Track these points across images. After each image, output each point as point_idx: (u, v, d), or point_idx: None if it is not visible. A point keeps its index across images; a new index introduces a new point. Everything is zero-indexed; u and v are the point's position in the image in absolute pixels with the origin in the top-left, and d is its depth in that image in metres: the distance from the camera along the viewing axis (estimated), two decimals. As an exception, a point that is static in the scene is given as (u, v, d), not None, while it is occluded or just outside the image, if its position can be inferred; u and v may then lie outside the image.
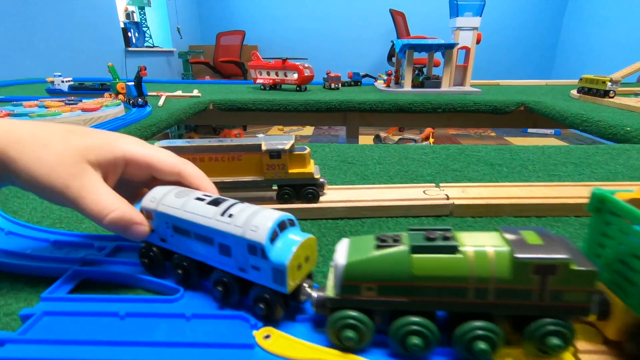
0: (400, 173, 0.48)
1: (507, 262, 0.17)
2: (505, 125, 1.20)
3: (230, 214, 0.23)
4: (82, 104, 0.80)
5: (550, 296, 0.17)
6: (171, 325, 0.22)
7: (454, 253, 0.18)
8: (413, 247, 0.18)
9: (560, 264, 0.17)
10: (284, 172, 0.35)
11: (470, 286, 0.18)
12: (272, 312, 0.21)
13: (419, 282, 0.18)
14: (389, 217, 0.36)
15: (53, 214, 0.37)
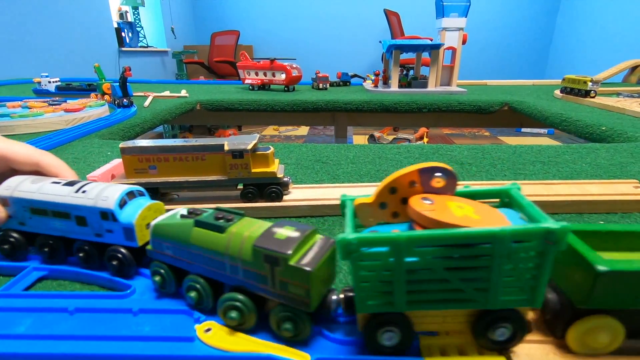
0: (371, 172, 0.49)
1: (249, 247, 0.20)
2: (492, 124, 1.21)
3: (84, 191, 0.26)
4: (66, 105, 0.81)
5: (279, 285, 0.20)
6: (118, 320, 0.23)
7: (221, 232, 0.21)
8: (195, 221, 0.22)
9: (281, 258, 0.19)
10: (246, 171, 0.36)
11: (226, 261, 0.21)
12: (123, 267, 0.26)
13: (194, 249, 0.22)
14: (351, 215, 0.37)
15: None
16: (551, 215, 0.36)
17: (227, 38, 4.00)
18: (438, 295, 0.19)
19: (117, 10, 3.41)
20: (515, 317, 0.19)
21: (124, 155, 0.35)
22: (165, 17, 3.89)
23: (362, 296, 0.19)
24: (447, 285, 0.18)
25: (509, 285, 0.18)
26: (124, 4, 3.42)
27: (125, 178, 0.36)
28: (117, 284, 0.26)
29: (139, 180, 0.36)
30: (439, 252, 0.18)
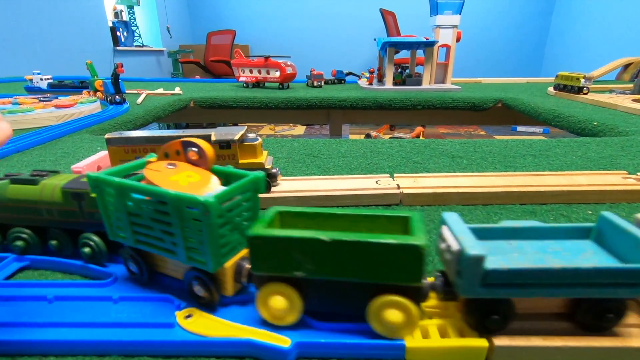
0: (361, 165, 0.49)
1: (59, 191, 0.26)
2: (486, 122, 1.22)
3: None
4: (57, 101, 0.80)
5: (86, 215, 0.26)
6: (98, 308, 0.22)
7: (34, 184, 0.27)
8: (11, 179, 0.27)
9: (85, 193, 0.25)
10: (234, 162, 0.35)
11: (42, 207, 0.26)
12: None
13: (12, 203, 0.27)
14: (339, 207, 0.37)
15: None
16: (540, 206, 0.36)
17: (223, 37, 3.99)
18: (150, 240, 0.22)
19: (112, 9, 3.39)
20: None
21: (110, 146, 0.35)
22: (160, 16, 3.88)
23: (109, 225, 0.24)
24: (154, 233, 0.22)
25: (193, 246, 0.21)
26: (119, 3, 3.41)
27: (111, 169, 0.36)
28: (99, 273, 0.26)
29: (125, 172, 0.35)
30: (143, 203, 0.22)
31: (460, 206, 0.36)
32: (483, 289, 0.18)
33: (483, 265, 0.17)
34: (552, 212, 0.34)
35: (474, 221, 0.33)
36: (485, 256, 0.17)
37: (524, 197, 0.36)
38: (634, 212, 0.34)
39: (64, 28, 2.61)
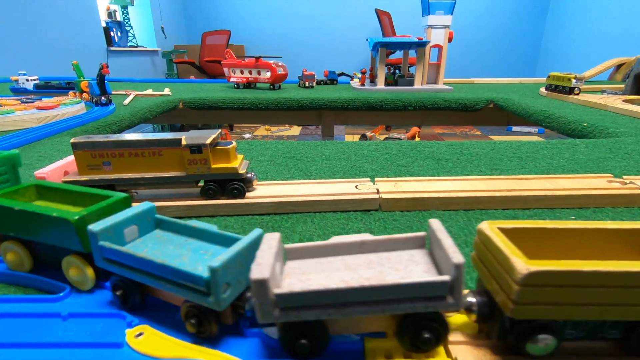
0: (345, 169, 0.48)
1: None
2: (478, 122, 1.21)
3: None
4: (39, 103, 0.79)
5: None
6: (45, 325, 0.21)
7: None
8: None
9: None
10: (206, 167, 0.34)
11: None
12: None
13: None
14: (316, 212, 0.35)
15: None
16: (522, 211, 0.35)
17: (218, 38, 3.98)
18: None
19: (106, 9, 3.36)
20: None
21: (76, 150, 0.33)
22: (155, 16, 3.85)
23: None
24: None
25: None
26: (112, 3, 3.38)
27: (77, 175, 0.34)
28: (53, 286, 0.24)
29: (92, 177, 0.34)
30: None
31: (441, 211, 0.35)
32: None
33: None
34: (535, 218, 0.33)
35: (454, 227, 0.32)
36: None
37: (506, 201, 0.35)
38: (618, 218, 0.33)
39: (57, 28, 2.59)
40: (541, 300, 0.16)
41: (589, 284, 0.15)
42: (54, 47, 2.55)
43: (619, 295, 0.15)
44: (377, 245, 0.21)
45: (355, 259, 0.20)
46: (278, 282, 0.18)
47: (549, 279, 0.15)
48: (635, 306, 0.16)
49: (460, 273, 0.16)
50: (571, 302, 0.16)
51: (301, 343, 0.18)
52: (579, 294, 0.16)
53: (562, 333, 0.17)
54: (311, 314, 0.17)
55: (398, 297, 0.17)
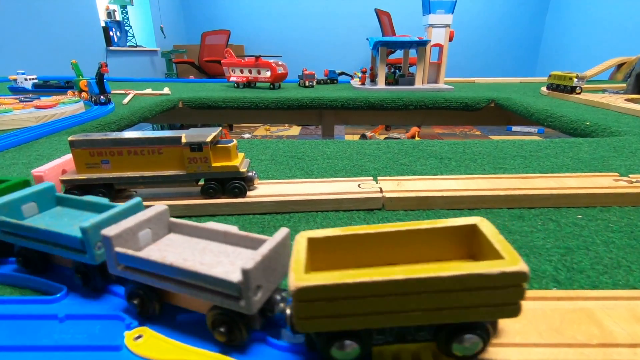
0: (346, 168, 0.47)
1: None
2: (479, 122, 1.20)
3: None
4: (38, 102, 0.78)
5: None
6: (41, 328, 0.20)
7: None
8: None
9: None
10: (206, 165, 0.33)
11: None
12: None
13: None
14: (319, 212, 0.35)
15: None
16: (528, 210, 0.34)
17: (218, 37, 3.97)
18: None
19: (105, 9, 3.36)
20: None
21: (74, 148, 0.33)
22: (154, 16, 3.84)
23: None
24: None
25: None
26: (111, 3, 3.37)
27: (75, 174, 0.34)
28: (50, 287, 0.24)
29: (90, 176, 0.33)
30: None
31: (445, 210, 0.34)
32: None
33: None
34: (541, 217, 0.33)
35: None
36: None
37: (511, 200, 0.35)
38: (626, 217, 0.33)
39: (56, 28, 2.58)
40: (319, 314, 0.15)
41: (363, 294, 0.15)
42: (53, 46, 2.55)
43: (399, 302, 0.15)
44: (237, 239, 0.21)
45: (215, 246, 0.22)
46: (133, 245, 0.20)
47: (318, 293, 0.15)
48: (418, 311, 0.15)
49: (248, 278, 0.16)
50: (351, 313, 0.15)
51: (133, 302, 0.20)
52: (357, 304, 0.15)
53: (369, 338, 0.17)
54: (140, 277, 0.19)
55: (199, 284, 0.18)
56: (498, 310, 0.15)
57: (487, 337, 0.16)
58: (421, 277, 0.15)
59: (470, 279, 0.14)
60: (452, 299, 0.15)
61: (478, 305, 0.15)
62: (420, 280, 0.15)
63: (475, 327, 0.16)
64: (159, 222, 0.22)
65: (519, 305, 0.15)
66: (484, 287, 0.15)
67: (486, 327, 0.16)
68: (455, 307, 0.15)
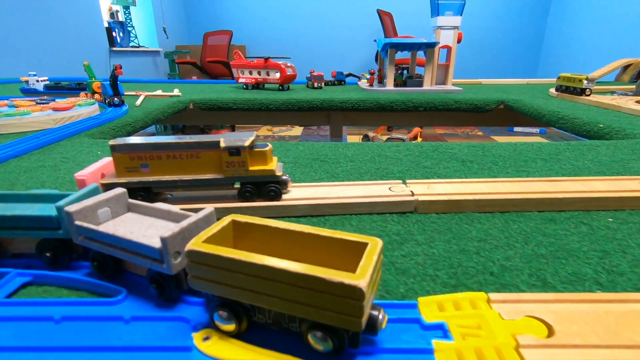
0: (371, 170, 0.48)
1: None
2: (487, 123, 1.21)
3: None
4: (54, 104, 0.78)
5: None
6: (108, 329, 0.21)
7: None
8: None
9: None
10: (244, 169, 0.34)
11: None
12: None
13: None
14: (352, 215, 0.35)
15: None
16: (558, 213, 0.35)
17: (220, 38, 3.97)
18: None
19: (108, 9, 3.36)
20: None
21: (115, 152, 0.33)
22: (157, 16, 3.85)
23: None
24: None
25: None
26: (114, 4, 3.38)
27: (115, 177, 0.34)
28: (108, 289, 0.24)
29: (130, 180, 0.34)
30: None
31: (477, 213, 0.35)
32: None
33: None
34: (572, 220, 0.33)
35: (493, 230, 0.32)
36: None
37: (541, 204, 0.35)
38: (656, 220, 0.33)
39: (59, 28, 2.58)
40: (203, 276, 0.19)
41: (235, 269, 0.18)
42: (58, 47, 2.55)
43: (260, 285, 0.18)
44: (178, 217, 0.26)
45: (160, 222, 0.26)
46: (92, 220, 0.25)
47: (202, 258, 0.19)
48: (275, 297, 0.18)
49: (166, 244, 0.21)
50: (225, 283, 0.19)
51: (94, 264, 0.25)
52: (229, 277, 0.18)
53: (250, 315, 0.20)
54: (95, 245, 0.24)
55: (135, 251, 0.22)
56: (341, 318, 0.17)
57: (339, 341, 0.18)
58: (274, 266, 0.17)
59: (313, 280, 0.17)
60: (300, 294, 0.17)
61: (322, 307, 0.17)
62: (273, 269, 0.17)
63: (330, 329, 0.18)
64: (117, 202, 0.26)
65: (360, 319, 0.16)
66: (325, 292, 0.17)
67: (340, 332, 0.18)
68: (304, 303, 0.17)
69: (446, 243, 0.30)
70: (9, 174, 0.48)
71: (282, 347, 0.19)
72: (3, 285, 0.25)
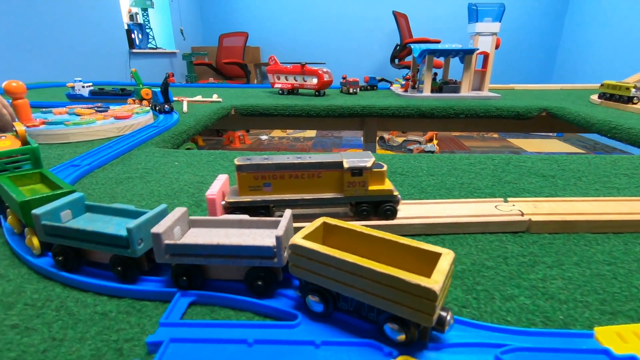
0: (455, 186, 0.48)
1: None
2: (527, 130, 1.21)
3: None
4: (113, 112, 0.80)
5: None
6: (301, 353, 0.22)
7: None
8: None
9: None
10: (363, 189, 0.35)
11: None
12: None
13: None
14: (466, 234, 0.36)
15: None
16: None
17: (236, 39, 3.99)
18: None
19: (127, 11, 3.39)
20: None
21: (240, 172, 0.34)
22: (174, 18, 3.88)
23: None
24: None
25: None
26: (133, 6, 3.41)
27: (237, 195, 0.35)
28: (276, 311, 0.25)
29: (254, 198, 0.35)
30: None
31: (591, 234, 0.36)
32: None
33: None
34: (690, 242, 0.34)
35: (615, 252, 0.33)
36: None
37: (652, 224, 0.36)
38: None
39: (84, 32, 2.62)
40: (300, 265, 0.24)
41: (328, 263, 0.22)
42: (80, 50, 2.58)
43: (349, 278, 0.22)
44: (250, 223, 0.30)
45: (234, 231, 0.29)
46: (174, 238, 0.27)
47: (301, 251, 0.23)
48: (360, 290, 0.22)
49: (280, 242, 0.25)
50: (319, 273, 0.23)
51: (183, 279, 0.27)
52: (325, 269, 0.23)
53: (335, 301, 0.24)
54: (188, 259, 0.26)
55: (242, 254, 0.26)
56: (415, 314, 0.20)
57: (409, 333, 0.21)
58: (364, 265, 0.21)
59: (395, 280, 0.20)
60: (383, 290, 0.21)
61: (400, 303, 0.20)
62: (363, 267, 0.21)
63: (404, 322, 0.21)
64: (184, 220, 0.29)
65: (431, 316, 0.20)
66: (404, 290, 0.20)
67: (409, 325, 0.21)
68: (385, 297, 0.21)
69: (577, 266, 0.31)
70: (102, 186, 0.49)
71: (359, 331, 0.23)
72: (173, 306, 0.26)
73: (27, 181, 0.38)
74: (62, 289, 0.28)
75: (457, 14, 4.15)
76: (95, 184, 0.50)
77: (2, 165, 0.38)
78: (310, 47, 4.44)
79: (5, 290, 0.28)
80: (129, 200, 0.44)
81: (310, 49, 4.44)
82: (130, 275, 0.28)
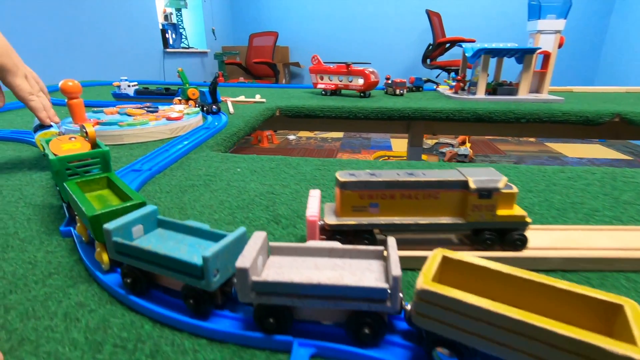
0: (567, 206, 0.42)
1: None
2: (596, 136, 1.11)
3: None
4: (164, 113, 0.77)
5: None
6: None
7: None
8: None
9: None
10: (491, 214, 0.29)
11: None
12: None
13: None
14: (613, 271, 0.30)
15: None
16: None
17: (265, 39, 3.99)
18: None
19: (162, 12, 3.45)
20: None
21: (344, 190, 0.29)
22: (206, 18, 3.91)
23: None
24: None
25: None
26: (168, 6, 3.46)
27: (337, 216, 0.30)
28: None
29: (359, 221, 0.30)
30: None
31: None
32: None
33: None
34: None
35: None
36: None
37: None
38: None
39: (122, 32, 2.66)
40: (431, 315, 0.19)
41: (473, 315, 0.17)
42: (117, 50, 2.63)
43: (507, 337, 0.17)
44: (343, 253, 0.25)
45: (324, 261, 0.24)
46: (258, 272, 0.23)
47: (435, 298, 0.18)
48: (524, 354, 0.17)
49: (397, 283, 0.20)
50: (456, 326, 0.18)
51: (269, 321, 0.22)
52: (466, 322, 0.18)
53: (470, 357, 0.19)
54: (279, 299, 0.21)
55: (347, 295, 0.21)
56: None
57: None
58: (536, 324, 0.16)
59: (585, 346, 0.15)
60: (558, 356, 0.15)
61: None
62: (534, 327, 0.16)
63: None
64: (264, 248, 0.24)
65: None
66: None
67: None
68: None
69: None
70: (167, 194, 0.45)
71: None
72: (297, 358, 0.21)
73: (94, 186, 0.36)
74: (152, 327, 0.24)
75: (491, 13, 4.00)
76: (159, 192, 0.46)
77: (73, 169, 0.35)
78: (340, 46, 4.39)
79: (89, 325, 0.24)
80: (199, 213, 0.40)
81: (340, 49, 4.38)
82: (203, 310, 0.24)
